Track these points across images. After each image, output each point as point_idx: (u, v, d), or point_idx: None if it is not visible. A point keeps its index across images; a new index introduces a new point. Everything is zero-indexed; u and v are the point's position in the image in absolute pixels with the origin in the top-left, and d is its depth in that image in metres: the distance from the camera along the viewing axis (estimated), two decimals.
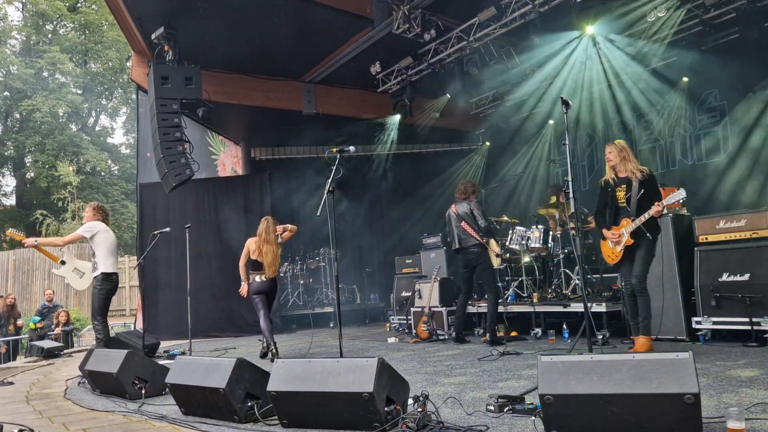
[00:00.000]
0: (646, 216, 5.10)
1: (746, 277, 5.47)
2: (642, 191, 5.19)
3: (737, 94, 8.56)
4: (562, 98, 4.43)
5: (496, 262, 7.09)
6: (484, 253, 6.89)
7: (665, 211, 6.15)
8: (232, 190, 11.07)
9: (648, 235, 5.14)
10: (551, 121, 11.37)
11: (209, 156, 13.29)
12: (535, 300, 7.49)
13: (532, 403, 3.26)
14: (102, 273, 6.30)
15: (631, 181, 5.26)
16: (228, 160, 13.46)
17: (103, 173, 28.91)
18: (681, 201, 5.07)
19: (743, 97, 8.47)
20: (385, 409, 3.07)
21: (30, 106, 25.10)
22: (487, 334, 6.72)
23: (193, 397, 3.78)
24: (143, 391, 4.50)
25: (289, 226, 7.05)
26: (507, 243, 8.41)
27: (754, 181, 8.19)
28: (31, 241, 6.42)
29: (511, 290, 8.10)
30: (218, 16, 8.56)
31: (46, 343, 8.86)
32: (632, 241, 5.25)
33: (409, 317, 8.62)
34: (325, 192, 4.79)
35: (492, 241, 7.01)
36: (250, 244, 7.00)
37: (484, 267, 6.91)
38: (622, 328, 6.49)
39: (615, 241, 5.40)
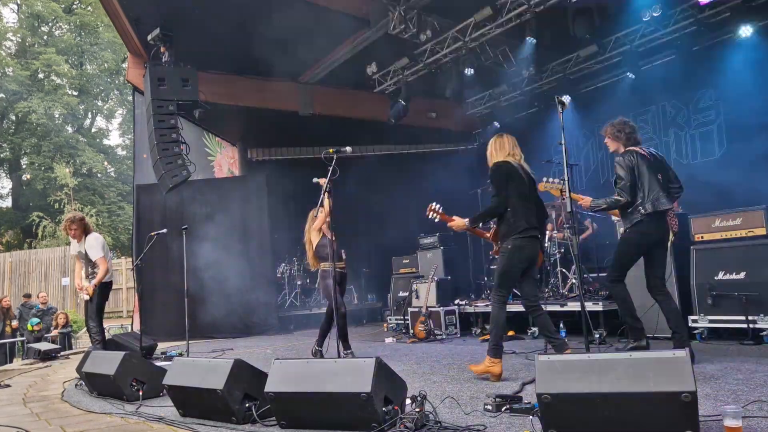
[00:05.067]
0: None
1: (742, 275, 5.50)
2: None
3: (731, 93, 8.59)
4: (557, 98, 4.43)
5: None
6: None
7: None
8: (228, 191, 11.05)
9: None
10: (548, 121, 11.37)
11: (206, 157, 13.27)
12: None
13: (529, 403, 3.27)
14: (103, 282, 6.45)
15: None
16: (224, 161, 13.45)
17: (99, 175, 28.85)
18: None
19: (737, 96, 8.49)
20: (383, 409, 3.07)
21: (26, 108, 25.03)
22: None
23: (190, 399, 3.77)
24: (141, 393, 4.48)
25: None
26: None
27: (749, 180, 8.21)
28: (91, 289, 6.37)
29: None
30: (214, 17, 8.55)
31: (43, 345, 8.83)
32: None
33: (406, 317, 8.63)
34: (322, 192, 4.79)
35: None
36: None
37: None
38: (619, 327, 6.50)
39: None
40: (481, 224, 4.73)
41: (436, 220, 5.09)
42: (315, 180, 5.75)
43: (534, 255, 4.54)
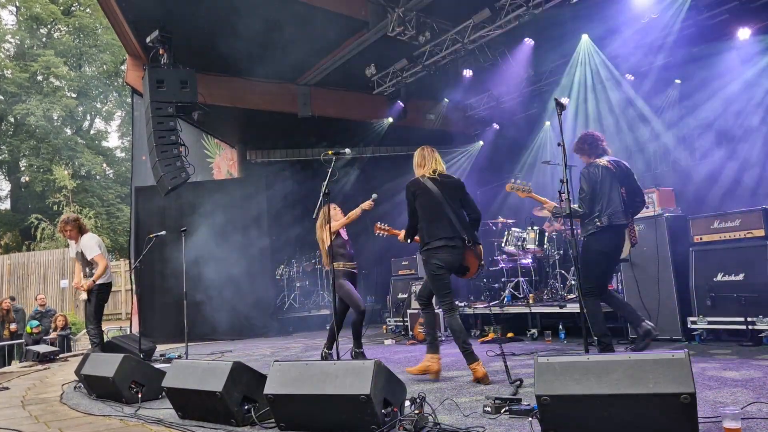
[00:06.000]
0: None
1: (741, 276, 5.50)
2: None
3: (730, 94, 8.60)
4: (556, 99, 4.43)
5: None
6: None
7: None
8: (227, 193, 11.06)
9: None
10: (547, 123, 11.39)
11: (204, 159, 13.28)
12: (531, 301, 7.50)
13: (529, 404, 3.27)
14: (102, 283, 6.38)
15: None
16: (223, 162, 13.45)
17: (98, 177, 28.82)
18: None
19: (736, 97, 8.51)
20: (383, 411, 3.07)
21: (24, 110, 25.01)
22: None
23: (189, 401, 3.77)
24: (140, 395, 4.48)
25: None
26: (503, 244, 8.43)
27: (748, 182, 8.23)
28: (90, 284, 6.33)
29: (507, 291, 8.12)
30: (213, 19, 8.55)
31: (42, 348, 8.82)
32: None
33: (405, 319, 8.62)
34: (321, 194, 4.78)
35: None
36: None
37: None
38: (619, 328, 6.51)
39: None
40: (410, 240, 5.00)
41: (384, 236, 5.28)
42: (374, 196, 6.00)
43: (450, 262, 4.60)
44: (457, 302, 8.35)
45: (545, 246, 8.15)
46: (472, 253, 4.75)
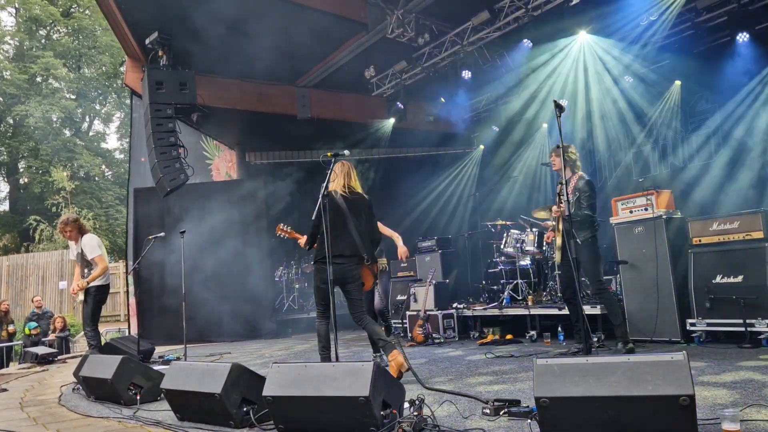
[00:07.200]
0: None
1: (740, 278, 5.50)
2: None
3: (728, 96, 8.61)
4: (555, 102, 4.44)
5: None
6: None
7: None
8: (226, 195, 11.05)
9: None
10: (545, 125, 11.40)
11: (204, 160, 13.26)
12: (530, 303, 7.50)
13: (528, 406, 3.27)
14: (100, 285, 6.35)
15: None
16: (222, 164, 13.44)
17: (96, 178, 28.80)
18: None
19: (734, 99, 8.52)
20: (381, 413, 3.07)
21: (23, 112, 25.00)
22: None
23: (188, 403, 3.76)
24: (138, 397, 4.47)
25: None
26: (502, 246, 8.43)
27: (747, 183, 8.23)
28: (83, 284, 6.30)
29: (506, 293, 8.11)
30: (212, 21, 8.55)
31: (40, 350, 8.81)
32: None
33: (404, 321, 8.62)
34: (320, 196, 4.78)
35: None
36: None
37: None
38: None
39: None
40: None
41: (286, 237, 5.44)
42: None
43: (339, 277, 4.69)
44: (456, 304, 8.36)
45: (544, 248, 8.15)
46: (369, 270, 4.96)
